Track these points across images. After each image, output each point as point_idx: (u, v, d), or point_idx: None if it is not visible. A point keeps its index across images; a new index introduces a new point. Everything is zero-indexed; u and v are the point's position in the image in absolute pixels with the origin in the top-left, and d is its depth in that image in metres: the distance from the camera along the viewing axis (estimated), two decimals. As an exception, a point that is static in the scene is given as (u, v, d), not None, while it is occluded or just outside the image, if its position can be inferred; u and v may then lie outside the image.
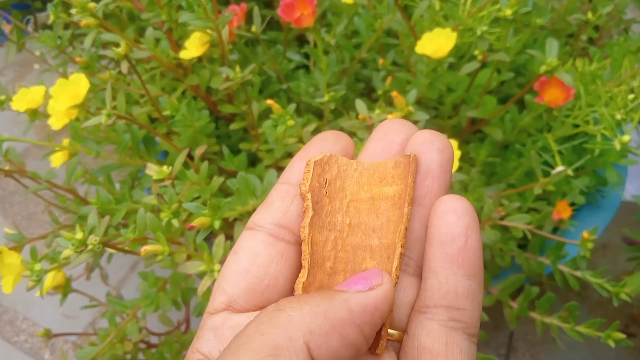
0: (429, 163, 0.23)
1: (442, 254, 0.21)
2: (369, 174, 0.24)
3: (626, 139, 0.49)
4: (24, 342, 0.77)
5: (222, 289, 0.23)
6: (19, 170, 0.50)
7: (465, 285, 0.21)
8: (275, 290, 0.23)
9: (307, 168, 0.24)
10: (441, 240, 0.21)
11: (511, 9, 0.49)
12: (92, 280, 0.62)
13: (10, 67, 1.10)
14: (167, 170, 0.44)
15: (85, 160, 0.84)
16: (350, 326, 0.19)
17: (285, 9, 0.51)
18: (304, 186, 0.23)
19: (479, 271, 0.21)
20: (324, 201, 0.23)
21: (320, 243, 0.23)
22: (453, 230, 0.21)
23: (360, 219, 0.23)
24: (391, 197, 0.23)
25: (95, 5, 0.45)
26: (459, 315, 0.21)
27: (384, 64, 0.58)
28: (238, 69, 0.49)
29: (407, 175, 0.23)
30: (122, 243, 0.42)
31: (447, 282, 0.21)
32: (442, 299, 0.21)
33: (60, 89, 0.50)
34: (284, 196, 0.24)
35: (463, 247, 0.21)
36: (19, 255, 0.46)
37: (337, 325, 0.19)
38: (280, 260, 0.23)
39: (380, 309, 0.20)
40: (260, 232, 0.24)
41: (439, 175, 0.23)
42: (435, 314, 0.21)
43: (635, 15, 0.75)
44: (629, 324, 0.73)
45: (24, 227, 0.88)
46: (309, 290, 0.22)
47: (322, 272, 0.23)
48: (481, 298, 0.22)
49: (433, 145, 0.23)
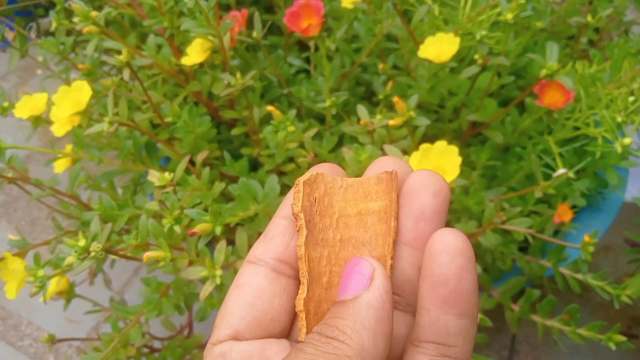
0: (422, 207, 0.23)
1: (434, 295, 0.21)
2: (353, 190, 0.25)
3: (627, 142, 0.49)
4: (29, 347, 0.77)
5: (227, 323, 0.24)
6: (22, 177, 0.50)
7: (457, 325, 0.21)
8: (278, 324, 0.24)
9: (296, 188, 0.25)
10: (434, 281, 0.21)
11: (512, 13, 0.49)
12: (95, 285, 0.62)
13: (14, 72, 1.10)
14: (169, 177, 0.44)
15: (88, 166, 0.84)
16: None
17: (291, 17, 0.51)
18: (295, 206, 0.24)
19: (473, 309, 0.21)
20: (316, 219, 0.24)
21: (316, 260, 0.24)
22: (445, 272, 0.21)
23: (350, 233, 0.24)
24: (377, 212, 0.24)
25: (97, 13, 0.46)
26: (449, 351, 0.21)
27: (384, 69, 0.58)
28: (239, 75, 0.49)
29: (391, 190, 0.24)
30: (124, 249, 0.43)
31: (438, 320, 0.21)
32: (433, 335, 0.21)
33: (63, 96, 0.50)
34: (284, 232, 0.25)
35: (455, 290, 0.21)
36: (23, 261, 0.47)
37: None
38: (282, 295, 0.24)
39: (387, 290, 0.21)
40: (263, 267, 0.25)
41: (432, 218, 0.23)
42: (426, 348, 0.22)
43: (635, 16, 0.75)
44: (631, 326, 0.73)
45: (27, 232, 0.89)
46: (309, 305, 0.23)
47: (319, 287, 0.24)
48: (474, 334, 0.22)
49: (428, 189, 0.23)
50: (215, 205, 0.41)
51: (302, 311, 0.23)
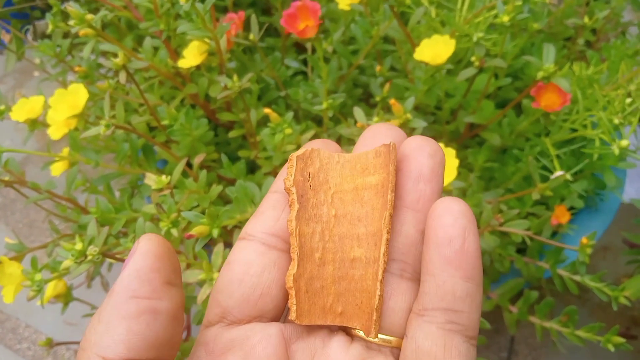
0: (420, 167, 0.23)
1: (439, 257, 0.21)
2: (351, 165, 0.24)
3: (624, 144, 0.49)
4: (27, 350, 0.77)
5: (216, 301, 0.23)
6: (18, 180, 0.50)
7: (464, 288, 0.21)
8: (269, 299, 0.23)
9: (290, 163, 0.24)
10: (438, 242, 0.21)
11: (508, 16, 0.49)
12: (93, 287, 0.62)
13: (10, 74, 1.10)
14: (166, 180, 0.44)
15: (86, 169, 0.84)
16: (123, 303, 0.19)
17: (288, 19, 0.51)
18: (288, 180, 0.24)
19: (478, 273, 0.21)
20: (309, 194, 0.24)
21: (307, 235, 0.23)
22: (450, 233, 0.21)
23: (345, 209, 0.24)
24: (374, 185, 0.24)
25: (93, 16, 0.45)
26: (457, 317, 0.21)
27: (381, 71, 0.58)
28: (235, 78, 0.49)
29: (389, 163, 0.23)
30: (121, 253, 0.42)
31: (444, 284, 0.21)
32: (440, 301, 0.21)
33: (59, 99, 0.50)
34: (275, 205, 0.24)
35: (460, 250, 0.21)
36: (20, 265, 0.47)
37: (111, 315, 0.19)
38: (273, 269, 0.23)
39: (142, 266, 0.20)
40: (253, 242, 0.24)
41: (431, 178, 0.23)
42: (433, 316, 0.21)
43: (633, 18, 0.75)
44: (630, 326, 0.73)
45: (25, 234, 0.89)
46: (299, 281, 0.23)
47: (311, 264, 0.23)
48: (480, 300, 0.22)
49: (424, 150, 0.23)
50: (213, 208, 0.41)
51: (292, 288, 0.23)
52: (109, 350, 0.19)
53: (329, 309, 0.23)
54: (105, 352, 0.19)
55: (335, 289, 0.23)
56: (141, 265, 0.20)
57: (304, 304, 0.23)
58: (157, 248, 0.20)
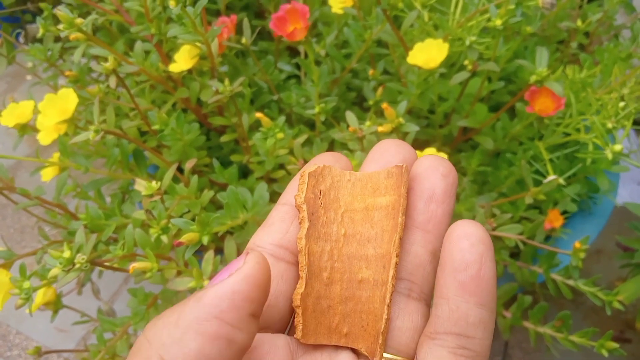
0: (433, 188, 0.23)
1: (455, 281, 0.21)
2: (362, 184, 0.24)
3: (618, 148, 0.49)
4: (17, 357, 0.76)
5: None
6: (7, 186, 0.49)
7: (477, 314, 0.21)
8: (276, 311, 0.23)
9: (301, 180, 0.24)
10: (454, 267, 0.21)
11: (501, 19, 0.49)
12: (85, 293, 0.61)
13: (2, 78, 1.09)
14: (156, 186, 0.44)
15: (76, 174, 0.84)
16: (206, 320, 0.18)
17: (277, 22, 0.51)
18: (299, 198, 0.24)
19: (492, 300, 0.21)
20: (319, 212, 0.24)
21: (316, 254, 0.23)
22: (466, 258, 0.21)
23: (355, 229, 0.24)
24: (385, 207, 0.23)
25: (82, 20, 0.45)
26: (469, 343, 0.21)
27: (374, 74, 0.58)
28: (227, 82, 0.49)
29: (400, 185, 0.23)
30: (111, 260, 0.42)
31: (458, 309, 0.21)
32: (452, 326, 0.21)
33: (49, 104, 0.49)
34: (284, 217, 0.24)
35: (476, 275, 0.21)
36: (8, 273, 0.46)
37: (190, 327, 0.18)
38: (280, 281, 0.23)
39: (240, 291, 0.19)
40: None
41: (443, 200, 0.23)
42: (445, 340, 0.21)
43: (625, 21, 0.75)
44: (623, 330, 0.73)
45: (17, 240, 0.88)
46: (307, 300, 0.23)
47: (319, 283, 0.23)
48: (492, 327, 0.21)
49: (437, 170, 0.23)
50: (203, 215, 0.41)
51: (299, 307, 0.22)
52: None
53: (334, 329, 0.23)
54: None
55: (341, 310, 0.23)
56: (238, 289, 0.19)
57: (310, 323, 0.23)
58: (261, 276, 0.19)
